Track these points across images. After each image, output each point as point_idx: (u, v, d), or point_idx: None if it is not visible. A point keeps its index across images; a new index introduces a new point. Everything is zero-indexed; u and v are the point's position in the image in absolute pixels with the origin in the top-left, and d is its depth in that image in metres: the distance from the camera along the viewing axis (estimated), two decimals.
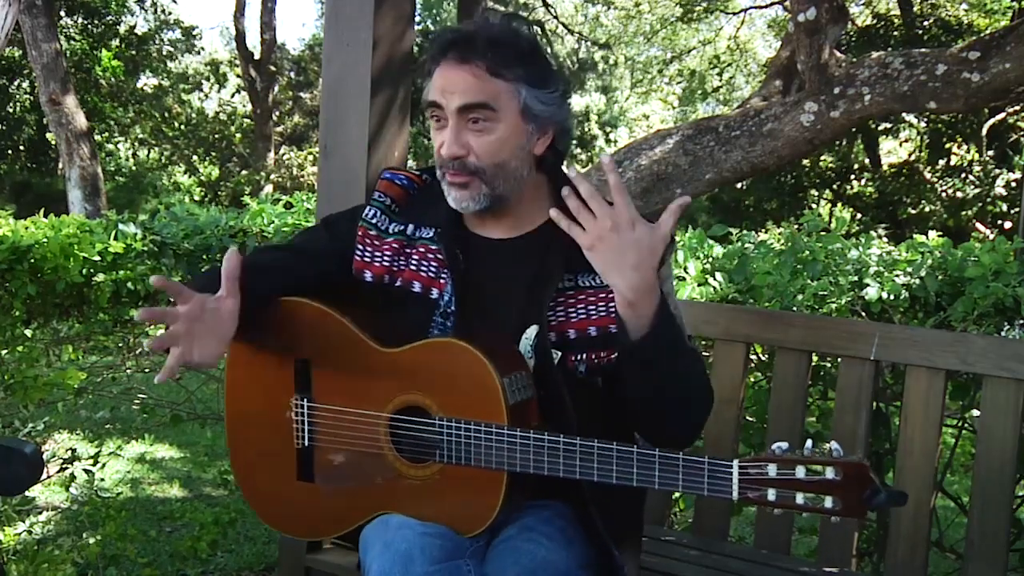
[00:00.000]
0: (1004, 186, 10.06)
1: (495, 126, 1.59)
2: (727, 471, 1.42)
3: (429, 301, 1.68)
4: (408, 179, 1.76)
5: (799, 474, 1.38)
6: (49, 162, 16.89)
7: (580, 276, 1.64)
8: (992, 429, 1.99)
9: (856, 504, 1.36)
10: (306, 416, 1.68)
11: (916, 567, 2.02)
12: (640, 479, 1.46)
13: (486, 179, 1.61)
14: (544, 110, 1.62)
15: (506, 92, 1.59)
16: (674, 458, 1.45)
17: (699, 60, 21.54)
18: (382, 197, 1.74)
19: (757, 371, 2.84)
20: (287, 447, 1.69)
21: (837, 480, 1.36)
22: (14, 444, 1.62)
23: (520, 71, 1.59)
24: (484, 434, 1.52)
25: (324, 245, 1.76)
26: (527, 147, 1.63)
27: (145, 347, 1.53)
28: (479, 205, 1.62)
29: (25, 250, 2.83)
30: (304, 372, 1.67)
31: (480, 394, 1.53)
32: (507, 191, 1.63)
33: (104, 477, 3.84)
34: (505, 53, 1.59)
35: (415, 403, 1.58)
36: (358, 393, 1.63)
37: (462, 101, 1.58)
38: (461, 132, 1.60)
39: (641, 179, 4.71)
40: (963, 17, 12.35)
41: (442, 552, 1.50)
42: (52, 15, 11.35)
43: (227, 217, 3.31)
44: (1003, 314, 2.43)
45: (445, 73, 1.60)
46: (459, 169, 1.60)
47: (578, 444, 1.49)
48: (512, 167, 1.62)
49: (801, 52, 4.50)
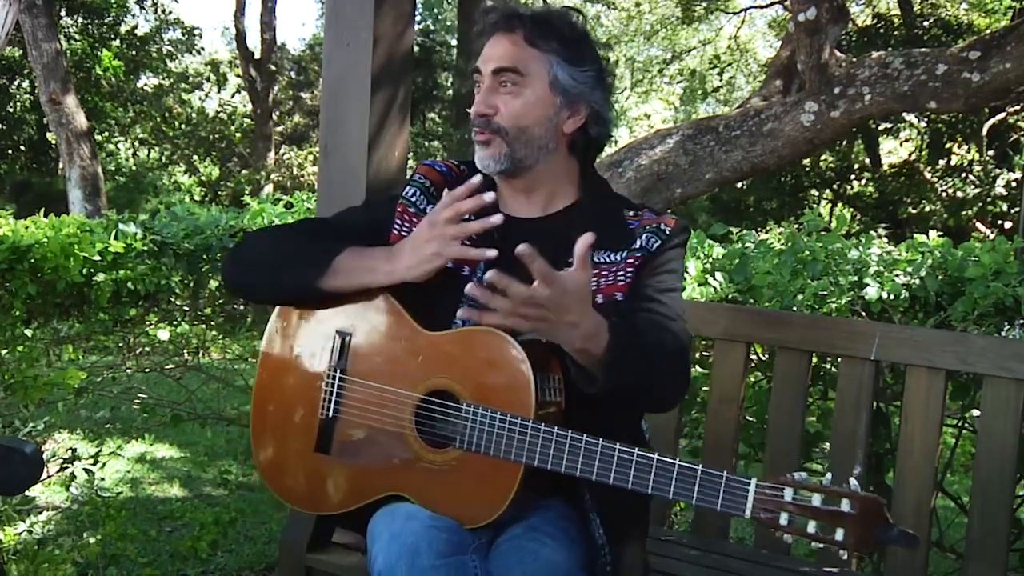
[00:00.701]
0: (1004, 186, 10.05)
1: (522, 90, 1.68)
2: (744, 489, 1.42)
3: (461, 277, 1.70)
4: (447, 167, 1.83)
5: (815, 502, 1.38)
6: (49, 162, 16.87)
7: (596, 253, 1.68)
8: (992, 429, 1.99)
9: (867, 539, 1.36)
10: (335, 388, 1.68)
11: (916, 567, 2.02)
12: (656, 487, 1.47)
13: (508, 140, 1.69)
14: (574, 86, 1.71)
15: (538, 60, 1.68)
16: (693, 470, 1.45)
17: (699, 60, 21.53)
18: (422, 179, 1.80)
19: (757, 371, 2.84)
20: (310, 417, 1.70)
21: (852, 513, 1.36)
22: (14, 444, 1.62)
23: (555, 44, 1.69)
24: (508, 425, 1.52)
25: (363, 219, 1.82)
26: (555, 120, 1.71)
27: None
28: (500, 166, 1.70)
29: (25, 250, 2.83)
30: (344, 344, 1.68)
31: (512, 385, 1.54)
32: (528, 157, 1.71)
33: (104, 477, 3.83)
34: (544, 27, 1.69)
35: (445, 388, 1.59)
36: (392, 371, 1.64)
37: (496, 64, 1.69)
38: (492, 93, 1.70)
39: (641, 179, 4.71)
40: (963, 17, 12.35)
41: (448, 546, 1.50)
42: (52, 15, 11.35)
43: (227, 217, 3.31)
44: (1003, 314, 2.43)
45: (491, 43, 1.71)
46: (483, 127, 1.69)
47: (599, 446, 1.49)
48: (536, 134, 1.70)
49: (801, 52, 4.50)
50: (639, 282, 1.68)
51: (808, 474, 1.42)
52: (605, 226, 1.70)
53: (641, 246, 1.69)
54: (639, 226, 1.72)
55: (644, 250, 1.69)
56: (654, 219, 1.73)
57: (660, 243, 1.70)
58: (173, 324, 3.47)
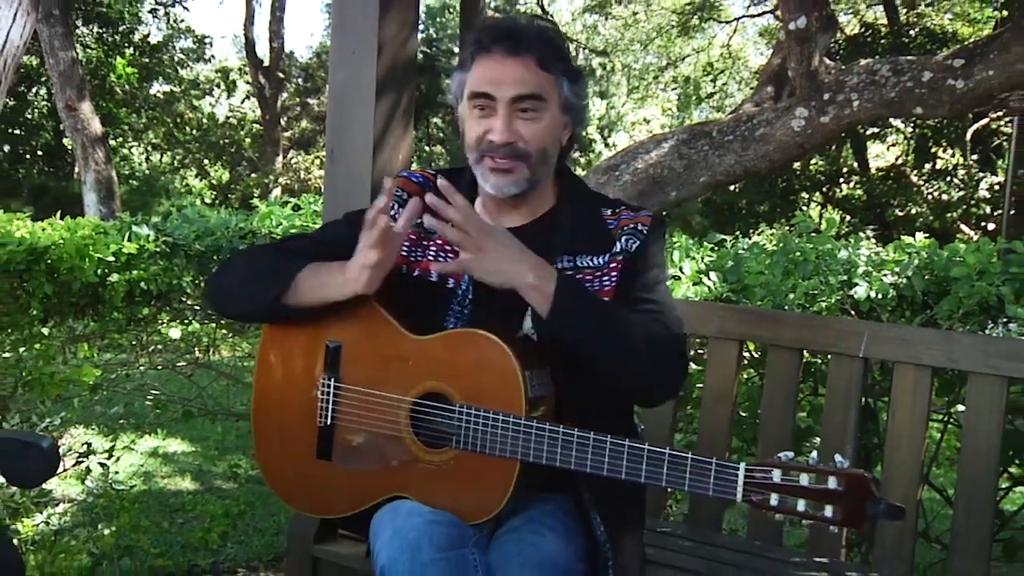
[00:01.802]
0: (987, 189, 10.05)
1: (543, 115, 1.66)
2: (733, 473, 1.42)
3: (446, 290, 1.70)
4: (424, 178, 1.79)
5: (803, 481, 1.38)
6: (65, 166, 16.88)
7: (579, 257, 1.68)
8: (977, 424, 1.99)
9: (856, 514, 1.36)
10: (331, 396, 1.68)
11: (903, 557, 2.02)
12: (648, 476, 1.47)
13: (531, 164, 1.66)
14: (577, 103, 1.71)
15: (551, 84, 1.67)
16: (683, 457, 1.45)
17: (693, 67, 21.52)
18: (399, 191, 1.76)
19: (750, 368, 2.84)
20: (309, 425, 1.70)
21: (839, 490, 1.36)
22: (32, 439, 1.62)
23: (562, 66, 1.68)
24: (501, 423, 1.52)
25: (345, 236, 1.77)
26: (560, 137, 1.71)
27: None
28: (519, 189, 1.68)
29: (42, 251, 2.83)
30: (335, 354, 1.67)
31: (501, 384, 1.54)
32: (542, 177, 1.71)
33: (118, 470, 3.83)
34: (551, 49, 1.67)
35: (438, 390, 1.59)
36: (384, 377, 1.63)
37: (516, 92, 1.63)
38: (512, 120, 1.64)
39: (637, 182, 4.71)
40: (948, 26, 12.34)
41: (448, 540, 1.50)
42: (69, 24, 11.33)
43: (237, 219, 3.31)
44: (987, 312, 2.43)
45: (494, 65, 1.65)
46: (508, 154, 1.65)
47: (591, 438, 1.49)
48: (550, 154, 1.70)
49: (792, 59, 4.50)
50: (625, 284, 1.67)
51: (794, 454, 1.42)
52: (584, 228, 1.70)
53: (622, 249, 1.68)
54: (617, 226, 1.71)
55: (625, 252, 1.68)
56: (631, 219, 1.71)
57: (639, 243, 1.69)
58: (184, 323, 3.47)
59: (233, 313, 1.89)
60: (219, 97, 21.36)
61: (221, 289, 1.77)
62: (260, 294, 1.67)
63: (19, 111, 15.68)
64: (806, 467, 1.38)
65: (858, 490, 1.35)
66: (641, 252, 1.69)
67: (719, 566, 2.00)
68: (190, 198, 18.85)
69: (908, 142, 11.64)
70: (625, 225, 1.70)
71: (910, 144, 11.52)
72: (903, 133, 11.48)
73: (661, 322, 1.63)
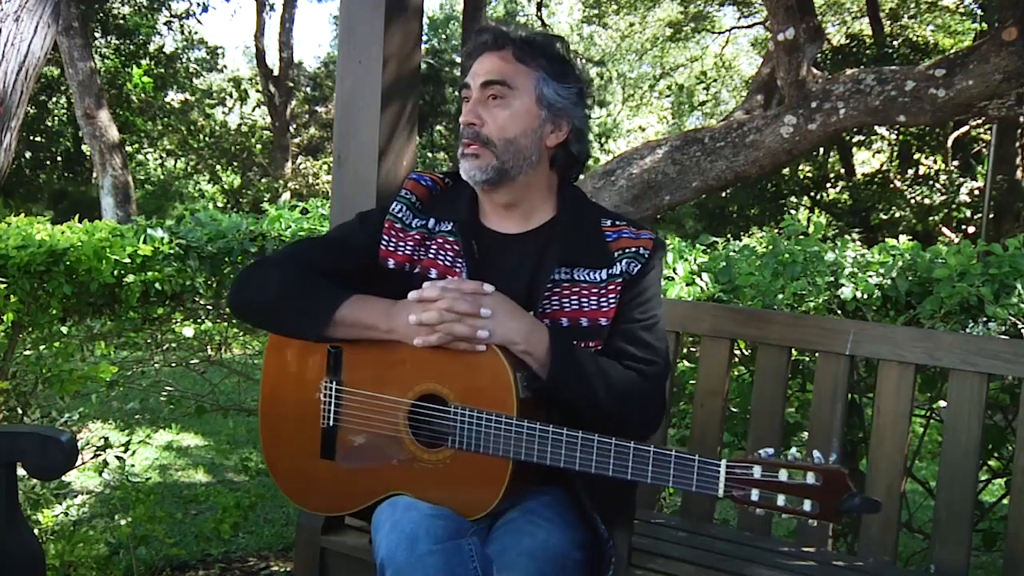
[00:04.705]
0: (968, 194, 10.04)
1: (510, 103, 1.66)
2: (715, 470, 1.42)
3: None
4: (432, 180, 1.79)
5: (782, 477, 1.38)
6: (84, 172, 16.90)
7: (576, 271, 1.67)
8: (958, 419, 1.99)
9: (833, 508, 1.36)
10: (333, 398, 1.68)
11: (887, 546, 2.02)
12: (635, 473, 1.47)
13: (496, 151, 1.65)
14: (559, 101, 1.68)
15: (525, 75, 1.67)
16: (667, 455, 1.45)
17: (687, 76, 21.54)
18: (408, 195, 1.77)
19: (741, 365, 2.84)
20: (313, 426, 1.70)
21: (817, 485, 1.36)
22: (51, 433, 1.63)
23: (542, 62, 1.67)
24: (495, 424, 1.52)
25: (358, 237, 1.78)
26: (539, 133, 1.68)
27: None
28: (485, 175, 1.66)
29: (61, 253, 2.82)
30: (336, 357, 1.67)
31: (494, 386, 1.54)
32: (513, 168, 1.67)
33: (134, 463, 3.83)
34: (531, 45, 1.68)
35: (435, 392, 1.59)
36: (384, 379, 1.64)
37: (485, 78, 1.67)
38: (480, 105, 1.67)
39: (632, 187, 4.70)
40: (930, 37, 12.34)
41: (445, 532, 1.50)
42: (87, 36, 11.33)
43: (248, 222, 3.30)
44: (968, 312, 2.43)
45: (480, 60, 1.69)
46: (472, 138, 1.66)
47: (579, 437, 1.49)
48: (521, 144, 1.66)
49: (781, 69, 4.50)
50: (622, 308, 1.66)
51: (774, 451, 1.42)
52: (583, 242, 1.68)
53: (622, 271, 1.66)
54: (617, 241, 1.68)
55: (625, 274, 1.66)
56: (632, 239, 1.68)
57: (640, 267, 1.67)
58: (197, 322, 3.47)
59: (264, 327, 1.90)
60: (231, 106, 21.36)
61: (253, 306, 1.74)
62: (298, 324, 1.66)
63: (40, 119, 15.69)
64: (785, 463, 1.39)
65: (836, 485, 1.36)
66: (641, 276, 1.67)
67: (711, 555, 2.00)
68: (203, 202, 18.86)
69: (892, 149, 11.64)
70: (627, 247, 1.68)
71: (894, 150, 11.51)
72: (887, 140, 11.47)
73: (647, 374, 1.64)
